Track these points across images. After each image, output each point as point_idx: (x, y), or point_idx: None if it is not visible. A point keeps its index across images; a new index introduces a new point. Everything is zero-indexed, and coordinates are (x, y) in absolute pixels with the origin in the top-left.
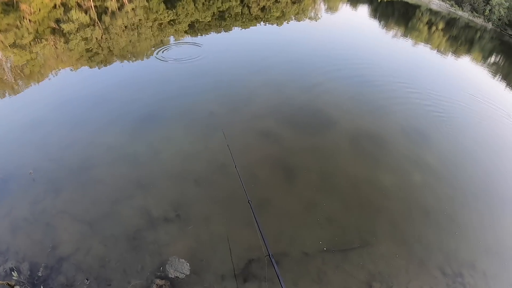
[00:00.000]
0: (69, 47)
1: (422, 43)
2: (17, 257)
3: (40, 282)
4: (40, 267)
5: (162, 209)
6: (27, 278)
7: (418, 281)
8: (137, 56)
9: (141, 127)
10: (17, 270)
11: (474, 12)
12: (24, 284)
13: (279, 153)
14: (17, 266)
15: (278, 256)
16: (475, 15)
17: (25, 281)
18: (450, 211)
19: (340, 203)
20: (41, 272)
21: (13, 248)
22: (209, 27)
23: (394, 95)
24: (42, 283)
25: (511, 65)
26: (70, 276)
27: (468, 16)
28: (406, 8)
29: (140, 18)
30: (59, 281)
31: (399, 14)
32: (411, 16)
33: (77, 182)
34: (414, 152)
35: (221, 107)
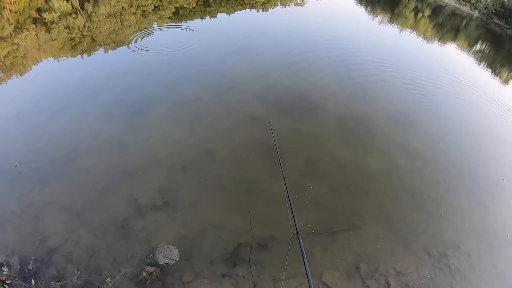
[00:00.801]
0: (51, 37)
1: (408, 30)
2: (7, 252)
3: (31, 276)
4: (30, 260)
5: (150, 196)
6: (17, 272)
7: (404, 262)
8: (121, 44)
9: (127, 115)
10: (7, 264)
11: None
12: (15, 278)
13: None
14: (6, 260)
15: (267, 240)
16: (462, 3)
17: (16, 275)
18: (435, 194)
19: (326, 186)
20: (31, 265)
21: (1, 242)
22: (194, 13)
23: (380, 79)
24: (33, 276)
25: (496, 53)
26: (60, 267)
27: (454, 4)
28: None
29: (123, 5)
30: (50, 273)
31: (385, 0)
32: (397, 3)
33: (63, 173)
34: (400, 136)
35: (207, 92)
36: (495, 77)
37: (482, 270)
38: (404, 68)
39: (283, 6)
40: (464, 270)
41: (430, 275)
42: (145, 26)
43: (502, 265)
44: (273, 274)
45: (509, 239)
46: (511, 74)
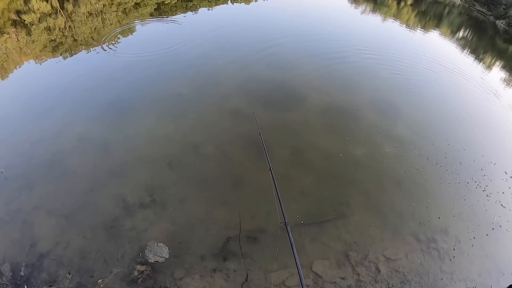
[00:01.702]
0: (32, 39)
1: (391, 19)
2: None
3: (23, 282)
4: (21, 266)
5: (137, 195)
6: (9, 279)
7: (393, 248)
8: (102, 44)
9: (110, 115)
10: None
11: None
12: (8, 286)
13: (251, 131)
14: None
15: (255, 233)
16: None
17: (8, 283)
18: (421, 180)
19: (313, 176)
20: (23, 272)
21: None
22: (176, 8)
23: (361, 65)
24: (25, 282)
25: (479, 39)
26: (52, 272)
27: None
28: None
29: (104, 3)
30: (41, 278)
31: None
32: None
33: (50, 176)
34: (384, 122)
35: (188, 87)
36: (479, 62)
37: (471, 253)
38: (387, 54)
39: None
40: (453, 254)
41: (420, 260)
42: (127, 23)
43: (491, 248)
44: (264, 266)
45: (496, 221)
46: (494, 59)
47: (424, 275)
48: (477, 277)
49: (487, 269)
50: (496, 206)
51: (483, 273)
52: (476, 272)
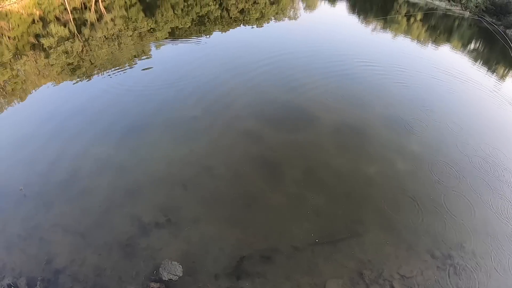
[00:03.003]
0: (50, 62)
1: (402, 35)
2: (14, 273)
3: None
4: (37, 281)
5: (153, 214)
6: None
7: (408, 266)
8: (119, 66)
9: (126, 136)
10: (14, 286)
11: (451, 1)
12: None
13: (263, 151)
14: (14, 282)
15: (269, 252)
16: (453, 4)
17: None
18: (435, 196)
19: (326, 195)
20: (38, 286)
21: (9, 264)
22: (190, 32)
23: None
24: None
25: (490, 50)
26: (67, 287)
27: (445, 6)
28: (384, 1)
29: (120, 28)
30: None
31: (377, 7)
32: (389, 9)
33: (67, 195)
34: (396, 140)
35: (203, 110)
36: (492, 73)
37: (488, 268)
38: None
39: (277, 21)
40: (469, 269)
41: (436, 276)
42: (142, 47)
43: (508, 261)
44: (277, 286)
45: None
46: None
47: None
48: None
49: (504, 282)
50: None
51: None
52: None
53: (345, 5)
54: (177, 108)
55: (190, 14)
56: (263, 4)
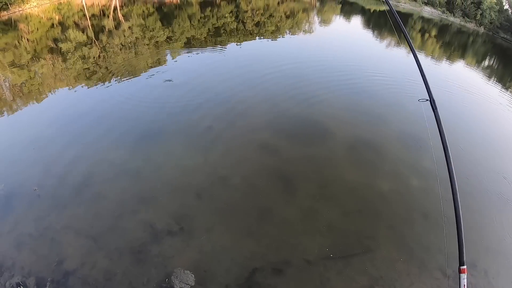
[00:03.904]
0: (67, 66)
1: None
2: (23, 272)
3: None
4: (46, 282)
5: (165, 222)
6: None
7: (420, 283)
8: (135, 73)
9: (141, 143)
10: (23, 285)
11: (466, 17)
12: None
13: (278, 164)
14: (23, 281)
15: (281, 265)
16: (467, 20)
17: None
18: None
19: (339, 210)
20: (47, 287)
21: (18, 263)
22: (206, 43)
23: (387, 100)
24: None
25: (505, 67)
26: None
27: (460, 22)
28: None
29: (137, 36)
30: None
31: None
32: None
33: (80, 198)
34: (410, 156)
35: (218, 121)
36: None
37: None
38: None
39: (292, 34)
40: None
41: None
42: (158, 56)
43: None
44: None
45: None
46: None
47: None
48: None
49: None
50: None
51: None
52: None
53: (360, 20)
54: (192, 118)
55: (207, 25)
56: (278, 17)
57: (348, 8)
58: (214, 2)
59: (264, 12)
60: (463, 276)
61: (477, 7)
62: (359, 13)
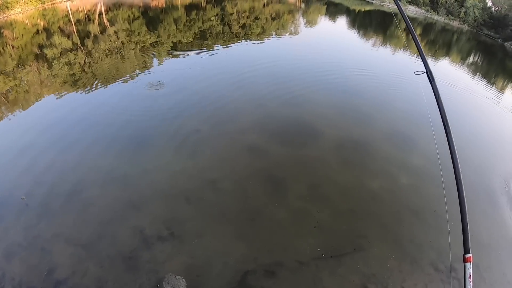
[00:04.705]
0: (52, 72)
1: (401, 50)
2: (13, 283)
3: None
4: None
5: (156, 227)
6: None
7: (412, 279)
8: (121, 79)
9: (129, 149)
10: None
11: (450, 15)
12: None
13: (267, 165)
14: None
15: (273, 266)
16: (451, 18)
17: None
18: (439, 210)
19: (330, 210)
20: None
21: (8, 274)
22: (192, 47)
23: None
24: None
25: (490, 63)
26: None
27: (444, 20)
28: (383, 17)
29: (123, 41)
30: None
31: (376, 23)
32: (388, 24)
33: (69, 206)
34: (399, 155)
35: (206, 124)
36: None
37: (493, 280)
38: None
39: (278, 36)
40: (474, 282)
41: None
42: (144, 61)
43: None
44: None
45: None
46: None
47: None
48: None
49: None
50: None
51: None
52: None
53: (345, 20)
54: (179, 122)
55: (192, 29)
56: (264, 19)
57: (333, 9)
58: (199, 5)
59: (250, 14)
60: (468, 266)
61: (460, 5)
62: (345, 13)
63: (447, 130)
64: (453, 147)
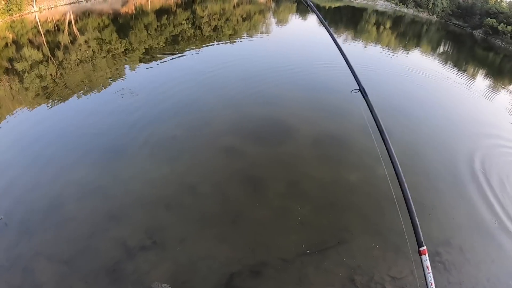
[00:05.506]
0: (24, 86)
1: (372, 44)
2: None
3: None
4: None
5: (137, 237)
6: None
7: (398, 267)
8: (94, 89)
9: (105, 160)
10: None
11: (419, 7)
12: None
13: (245, 167)
14: None
15: (258, 266)
16: (420, 10)
17: None
18: (418, 196)
19: (311, 206)
20: None
21: None
22: (164, 52)
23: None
24: None
25: (459, 51)
26: None
27: (413, 12)
28: (353, 12)
29: (94, 50)
30: None
31: (347, 18)
32: (359, 19)
33: (49, 222)
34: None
35: (182, 129)
36: (463, 73)
37: (477, 261)
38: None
39: (250, 36)
40: (458, 264)
41: None
42: (116, 69)
43: (495, 252)
44: None
45: (497, 225)
46: (476, 68)
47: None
48: (486, 282)
49: (495, 274)
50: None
51: (491, 278)
52: (484, 278)
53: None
54: (155, 128)
55: (164, 34)
56: (235, 21)
57: (303, 7)
58: (170, 9)
59: (221, 16)
60: (424, 258)
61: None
62: None
63: (383, 137)
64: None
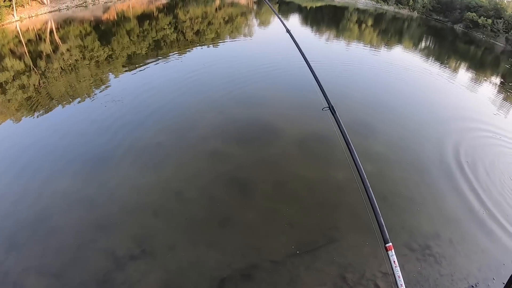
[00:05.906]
0: (7, 98)
1: (355, 41)
2: None
3: None
4: None
5: (126, 247)
6: None
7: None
8: (77, 97)
9: (91, 169)
10: None
11: (399, 4)
12: None
13: (231, 170)
14: None
15: (249, 270)
16: (401, 7)
17: None
18: (406, 192)
19: (299, 206)
20: None
21: None
22: (146, 57)
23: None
24: None
25: (441, 46)
26: None
27: (394, 9)
28: (334, 11)
29: (76, 58)
30: None
31: (329, 18)
32: (340, 18)
33: (36, 236)
34: (361, 144)
35: (166, 135)
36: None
37: (467, 252)
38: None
39: (233, 39)
40: (449, 256)
41: (417, 268)
42: (99, 77)
43: (485, 242)
44: None
45: (485, 215)
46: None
47: (424, 282)
48: (478, 272)
49: (486, 263)
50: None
51: (483, 267)
52: (475, 269)
53: (297, 18)
54: (140, 136)
55: (146, 39)
56: (217, 24)
57: (285, 8)
58: (152, 14)
59: (203, 20)
60: (390, 253)
61: None
62: (297, 11)
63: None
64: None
